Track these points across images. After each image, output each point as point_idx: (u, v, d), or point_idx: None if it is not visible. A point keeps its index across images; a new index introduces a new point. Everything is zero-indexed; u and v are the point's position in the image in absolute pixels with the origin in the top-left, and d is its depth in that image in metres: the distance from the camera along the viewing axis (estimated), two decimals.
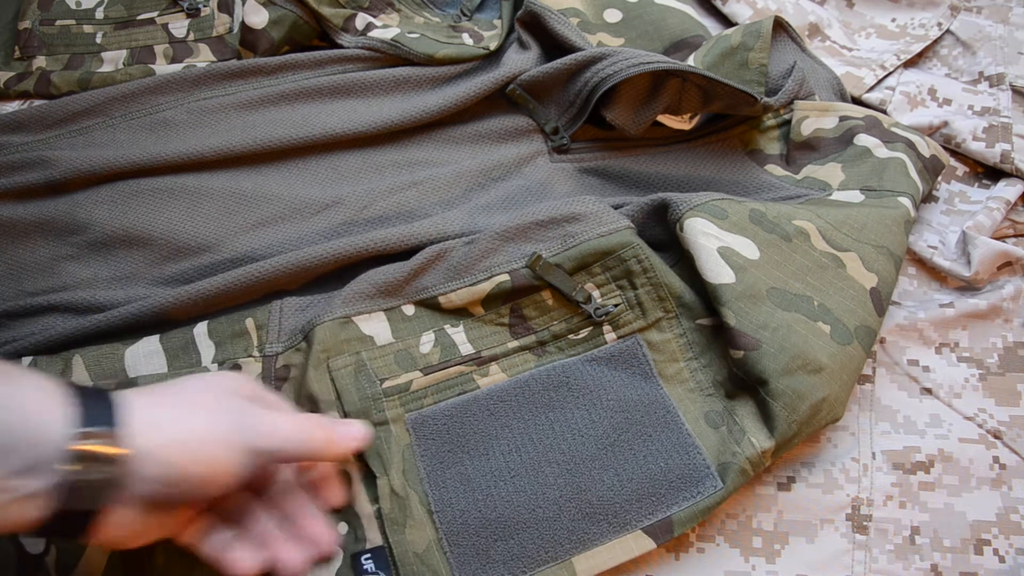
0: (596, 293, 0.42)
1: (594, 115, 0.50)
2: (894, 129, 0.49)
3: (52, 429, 0.28)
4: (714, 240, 0.40)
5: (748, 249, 0.41)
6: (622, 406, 0.40)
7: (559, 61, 0.50)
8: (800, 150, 0.50)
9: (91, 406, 0.29)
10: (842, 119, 0.49)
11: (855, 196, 0.46)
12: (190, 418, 0.31)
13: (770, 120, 0.51)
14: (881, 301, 0.42)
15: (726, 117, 0.51)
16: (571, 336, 0.42)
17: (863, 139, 0.48)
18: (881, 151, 0.47)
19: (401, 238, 0.45)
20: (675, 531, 0.38)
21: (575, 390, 0.41)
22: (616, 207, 0.45)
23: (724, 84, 0.46)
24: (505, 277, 0.42)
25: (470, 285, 0.42)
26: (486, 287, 0.42)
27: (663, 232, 0.44)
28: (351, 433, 0.36)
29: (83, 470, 0.28)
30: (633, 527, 0.37)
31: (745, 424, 0.39)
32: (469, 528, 0.37)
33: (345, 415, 0.39)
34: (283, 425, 0.33)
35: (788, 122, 0.50)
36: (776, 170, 0.50)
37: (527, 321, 0.42)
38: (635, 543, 0.37)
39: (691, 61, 0.51)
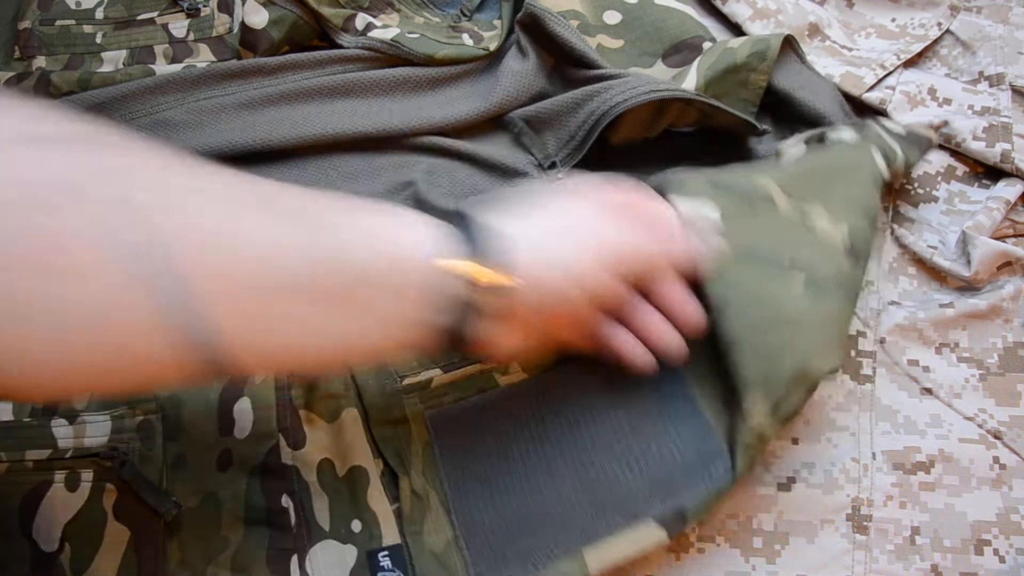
0: None
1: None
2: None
3: (424, 258, 0.30)
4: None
5: (709, 211, 0.40)
6: (638, 395, 0.40)
7: (559, 98, 0.49)
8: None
9: (474, 236, 0.31)
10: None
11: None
12: (559, 246, 0.34)
13: None
14: (855, 250, 0.40)
15: None
16: None
17: (835, 134, 0.47)
18: (850, 132, 0.47)
19: None
20: (688, 519, 0.37)
21: (591, 382, 0.41)
22: None
23: (728, 113, 0.46)
24: None
25: None
26: None
27: None
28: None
29: (470, 300, 0.31)
30: (644, 517, 0.37)
31: (744, 400, 0.37)
32: (485, 527, 0.37)
33: (365, 412, 0.40)
34: (644, 245, 0.36)
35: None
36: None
37: None
38: (646, 533, 0.37)
39: (693, 69, 0.50)
